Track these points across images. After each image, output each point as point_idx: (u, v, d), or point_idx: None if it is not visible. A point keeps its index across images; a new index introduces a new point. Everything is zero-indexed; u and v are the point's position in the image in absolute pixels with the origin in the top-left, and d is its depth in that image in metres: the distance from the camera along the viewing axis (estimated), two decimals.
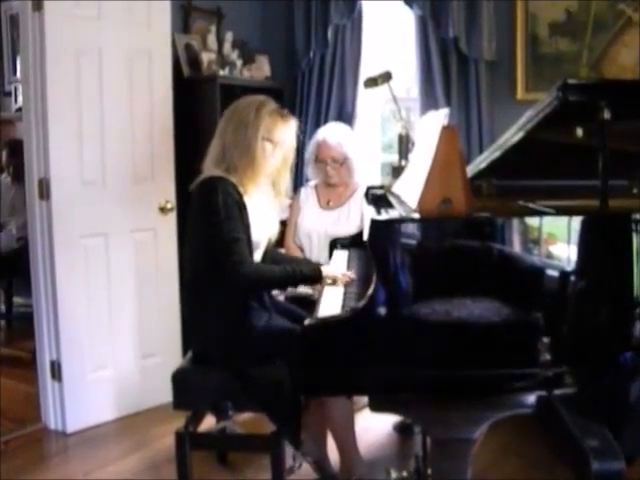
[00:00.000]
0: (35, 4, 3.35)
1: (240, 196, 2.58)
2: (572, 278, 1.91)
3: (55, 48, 3.38)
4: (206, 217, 2.55)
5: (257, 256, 2.74)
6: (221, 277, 2.51)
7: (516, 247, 1.94)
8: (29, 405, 3.75)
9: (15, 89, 5.78)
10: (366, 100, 4.69)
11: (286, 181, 2.83)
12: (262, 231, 2.71)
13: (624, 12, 3.92)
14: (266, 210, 2.76)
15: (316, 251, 3.67)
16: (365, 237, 1.94)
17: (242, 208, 2.57)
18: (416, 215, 1.96)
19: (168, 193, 3.91)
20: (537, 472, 3.07)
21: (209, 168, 2.65)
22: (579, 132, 2.10)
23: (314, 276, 2.65)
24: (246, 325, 2.54)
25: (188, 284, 2.71)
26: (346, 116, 4.57)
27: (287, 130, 2.67)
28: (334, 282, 2.62)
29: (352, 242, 3.15)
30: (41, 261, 3.55)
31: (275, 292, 3.18)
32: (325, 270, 2.66)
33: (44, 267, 3.54)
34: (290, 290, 3.45)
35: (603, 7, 3.95)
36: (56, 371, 3.59)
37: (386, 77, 3.12)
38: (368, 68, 4.46)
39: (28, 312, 3.86)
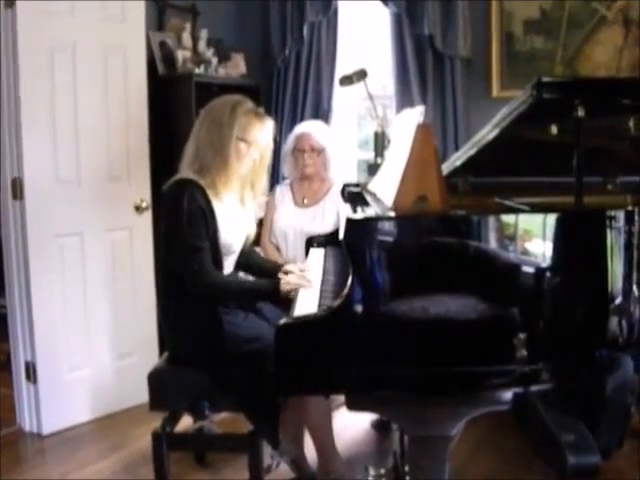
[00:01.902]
0: (7, 2, 3.29)
1: (208, 201, 2.55)
2: (548, 274, 1.92)
3: (28, 45, 3.34)
4: (170, 222, 2.55)
5: (231, 259, 2.73)
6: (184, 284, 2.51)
7: (492, 244, 1.94)
8: (4, 407, 3.70)
9: None
10: (342, 98, 4.70)
11: (263, 182, 2.81)
12: (235, 233, 2.69)
13: (598, 10, 3.95)
14: (240, 211, 2.74)
15: (292, 249, 3.67)
16: (341, 235, 1.94)
17: (208, 214, 2.54)
18: (392, 213, 1.96)
19: (143, 192, 3.88)
20: (514, 467, 3.09)
21: (183, 169, 2.63)
22: (554, 129, 2.11)
23: (271, 292, 2.56)
24: (221, 325, 2.52)
25: (162, 284, 2.69)
26: (322, 113, 4.57)
27: (262, 130, 2.65)
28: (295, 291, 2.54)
29: (328, 240, 3.14)
30: (15, 261, 3.51)
31: None
32: (283, 286, 2.53)
33: (18, 267, 3.50)
34: None
35: (577, 5, 3.99)
36: (31, 372, 3.55)
37: (361, 75, 3.13)
38: (344, 66, 4.46)
39: (2, 313, 3.81)
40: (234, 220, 2.67)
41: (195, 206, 2.50)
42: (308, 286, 2.50)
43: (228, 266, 2.72)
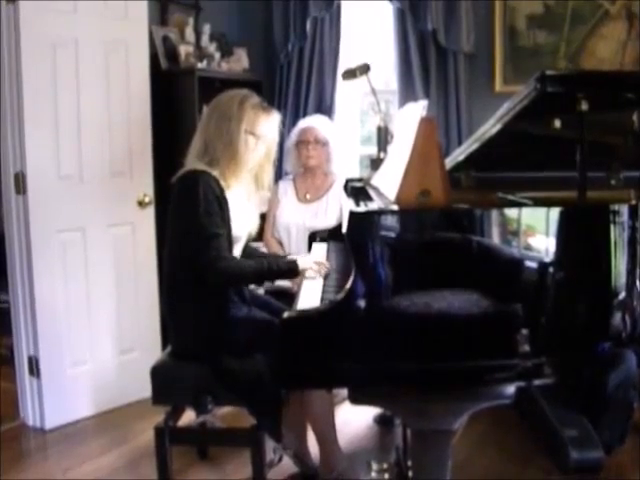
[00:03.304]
0: None
1: (221, 190, 2.56)
2: (550, 269, 1.92)
3: (30, 40, 3.33)
4: (185, 211, 2.53)
5: (237, 251, 2.73)
6: (199, 272, 2.50)
7: (495, 239, 1.94)
8: (7, 402, 3.71)
9: None
10: (345, 93, 4.68)
11: (269, 175, 2.81)
12: (243, 225, 2.70)
13: (602, 5, 3.94)
14: (247, 204, 2.74)
15: (295, 244, 3.67)
16: (344, 229, 1.94)
17: (223, 203, 2.55)
18: (394, 207, 1.95)
19: (146, 187, 3.88)
20: (516, 462, 3.09)
21: (191, 161, 2.63)
22: (557, 123, 2.11)
23: (291, 270, 2.62)
24: (225, 319, 2.53)
25: (167, 278, 2.69)
26: (325, 108, 4.56)
27: (270, 123, 2.66)
28: (311, 274, 2.60)
29: (331, 234, 3.14)
30: (18, 256, 3.51)
31: (253, 286, 3.17)
32: (301, 264, 2.62)
33: (21, 262, 3.51)
34: (269, 283, 3.45)
35: (581, 0, 3.97)
36: (34, 367, 3.55)
37: (364, 69, 3.11)
38: (346, 61, 4.44)
39: (5, 308, 3.81)
40: (243, 212, 2.68)
41: (211, 195, 2.50)
42: (324, 269, 2.58)
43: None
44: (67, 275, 3.60)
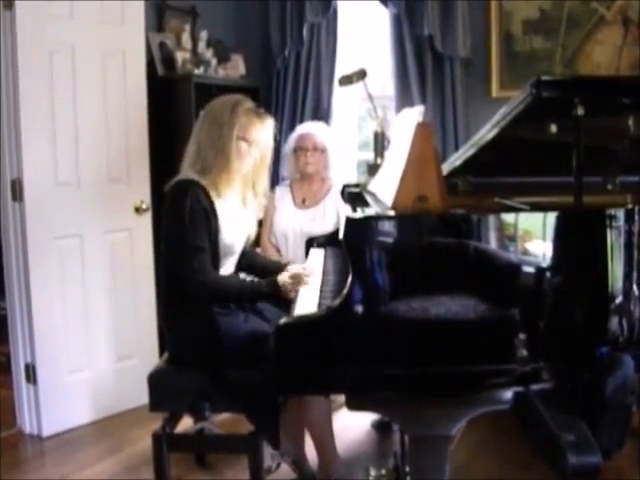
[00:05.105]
0: (6, 3, 3.30)
1: (211, 201, 2.55)
2: (548, 274, 1.92)
3: (27, 47, 3.33)
4: (172, 222, 2.54)
5: (232, 259, 2.72)
6: (180, 283, 2.50)
7: (492, 244, 1.94)
8: (4, 409, 3.70)
9: None
10: (342, 99, 4.69)
11: (264, 181, 2.80)
12: (236, 233, 2.69)
13: (597, 10, 3.95)
14: (241, 211, 2.74)
15: (292, 250, 3.67)
16: (341, 235, 1.94)
17: (210, 214, 2.54)
18: (391, 212, 1.95)
19: (143, 193, 3.88)
20: (515, 467, 3.09)
21: (184, 169, 2.63)
22: (553, 128, 2.11)
23: (272, 292, 2.55)
24: (222, 325, 2.52)
25: (163, 285, 2.69)
26: (322, 114, 4.57)
27: (263, 129, 2.65)
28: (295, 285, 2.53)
29: (328, 240, 3.14)
30: (15, 263, 3.50)
31: None
32: (281, 281, 2.52)
33: (18, 269, 3.50)
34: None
35: (576, 5, 4.00)
36: (31, 374, 3.54)
37: (361, 75, 3.12)
38: (343, 67, 4.45)
39: (2, 315, 3.81)
40: (236, 220, 2.67)
41: (198, 207, 2.49)
42: (305, 282, 2.50)
43: (229, 267, 2.72)
44: (64, 282, 3.59)
